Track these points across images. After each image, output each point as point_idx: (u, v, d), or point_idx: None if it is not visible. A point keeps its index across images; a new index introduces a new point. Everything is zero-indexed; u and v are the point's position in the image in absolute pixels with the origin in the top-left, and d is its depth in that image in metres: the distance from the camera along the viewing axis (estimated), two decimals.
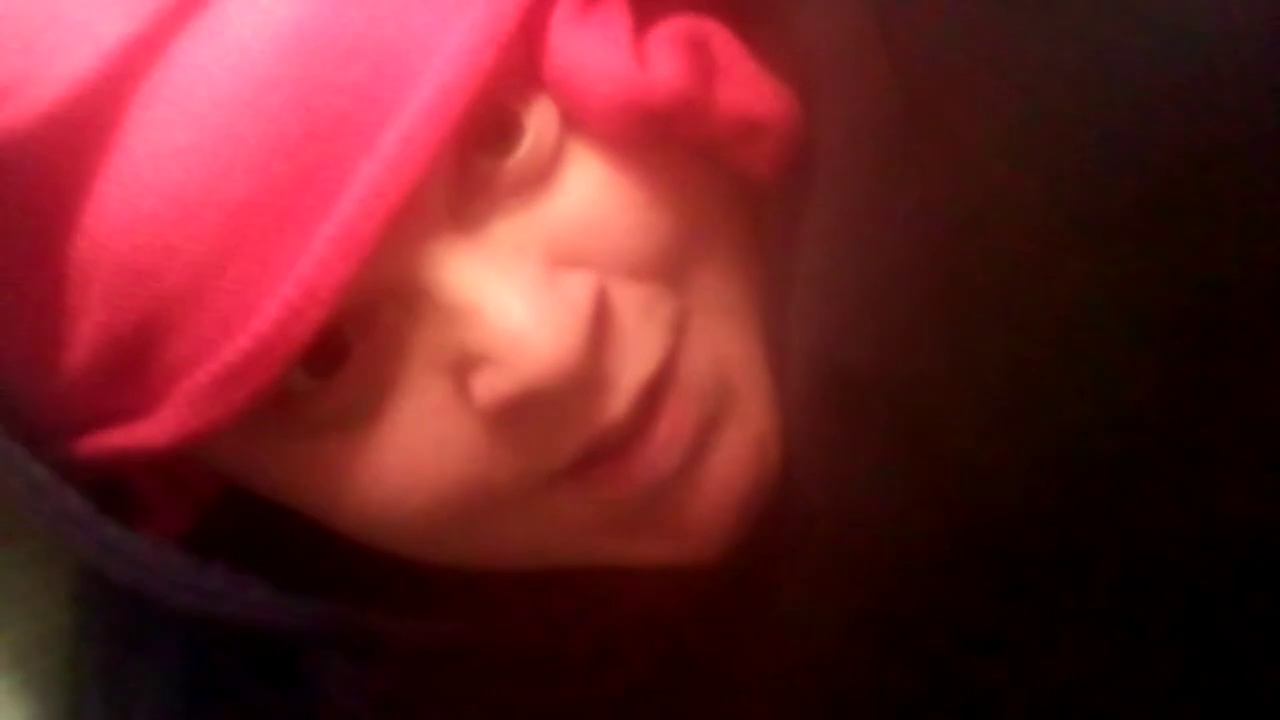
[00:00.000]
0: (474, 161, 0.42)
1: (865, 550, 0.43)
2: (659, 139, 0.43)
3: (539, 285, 0.41)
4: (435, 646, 0.48)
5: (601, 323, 0.42)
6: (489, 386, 0.41)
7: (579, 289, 0.42)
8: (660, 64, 0.42)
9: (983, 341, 0.38)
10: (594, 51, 0.42)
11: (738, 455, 0.44)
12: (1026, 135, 0.36)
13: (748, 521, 0.45)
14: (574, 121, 0.43)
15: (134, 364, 0.41)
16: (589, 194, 0.43)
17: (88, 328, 0.41)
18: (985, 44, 0.36)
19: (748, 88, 0.43)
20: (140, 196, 0.39)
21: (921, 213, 0.39)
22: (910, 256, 0.39)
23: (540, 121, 0.43)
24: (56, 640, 0.54)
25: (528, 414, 0.42)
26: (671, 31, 0.43)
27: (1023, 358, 0.37)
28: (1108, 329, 0.35)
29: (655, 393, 0.43)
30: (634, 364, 0.43)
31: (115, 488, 0.46)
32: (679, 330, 0.44)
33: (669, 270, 0.44)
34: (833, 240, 0.43)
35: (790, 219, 0.45)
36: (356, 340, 0.42)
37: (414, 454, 0.43)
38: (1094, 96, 0.34)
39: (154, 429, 0.42)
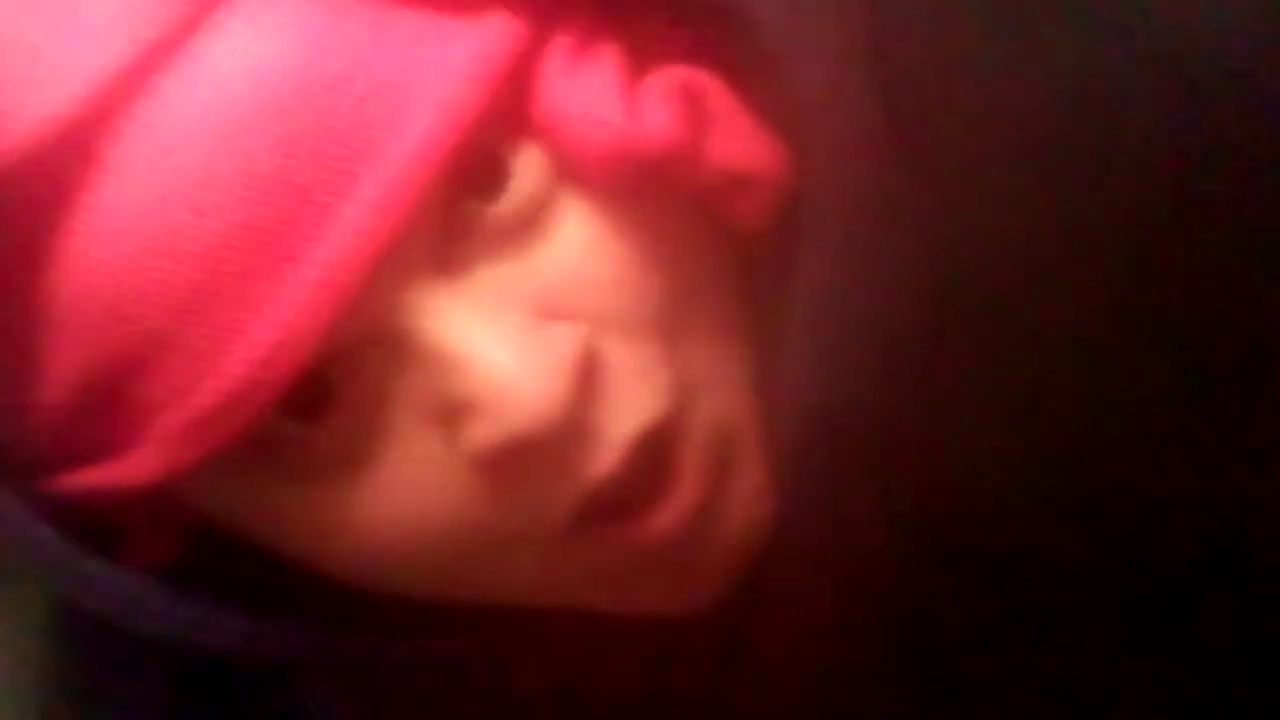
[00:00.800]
0: (460, 206, 0.41)
1: (861, 594, 0.43)
2: (650, 190, 0.42)
3: (525, 333, 0.41)
4: (423, 672, 0.48)
5: (589, 374, 0.41)
6: (475, 435, 0.41)
7: (565, 339, 0.41)
8: (652, 114, 0.42)
9: (976, 380, 0.38)
10: (585, 99, 0.42)
11: (744, 509, 0.44)
12: (1014, 169, 0.36)
13: (741, 575, 0.45)
14: (564, 171, 0.43)
15: (110, 403, 0.41)
16: (578, 246, 0.42)
17: (63, 367, 0.41)
18: (973, 74, 0.36)
19: (740, 140, 0.43)
20: (117, 236, 0.39)
21: (910, 253, 0.39)
22: (900, 298, 0.39)
23: (528, 168, 0.42)
24: (34, 666, 0.53)
25: (516, 463, 0.41)
26: (664, 81, 0.42)
27: (1019, 395, 0.37)
28: (1106, 360, 0.36)
29: (661, 454, 0.43)
30: (624, 419, 0.42)
31: (92, 518, 0.45)
32: (679, 393, 0.43)
33: (662, 328, 0.43)
34: (824, 288, 0.43)
35: (781, 269, 0.44)
36: (341, 386, 0.42)
37: (403, 502, 0.42)
38: (1080, 128, 0.34)
39: (130, 468, 0.42)
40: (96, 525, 0.45)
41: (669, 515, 0.42)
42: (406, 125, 0.40)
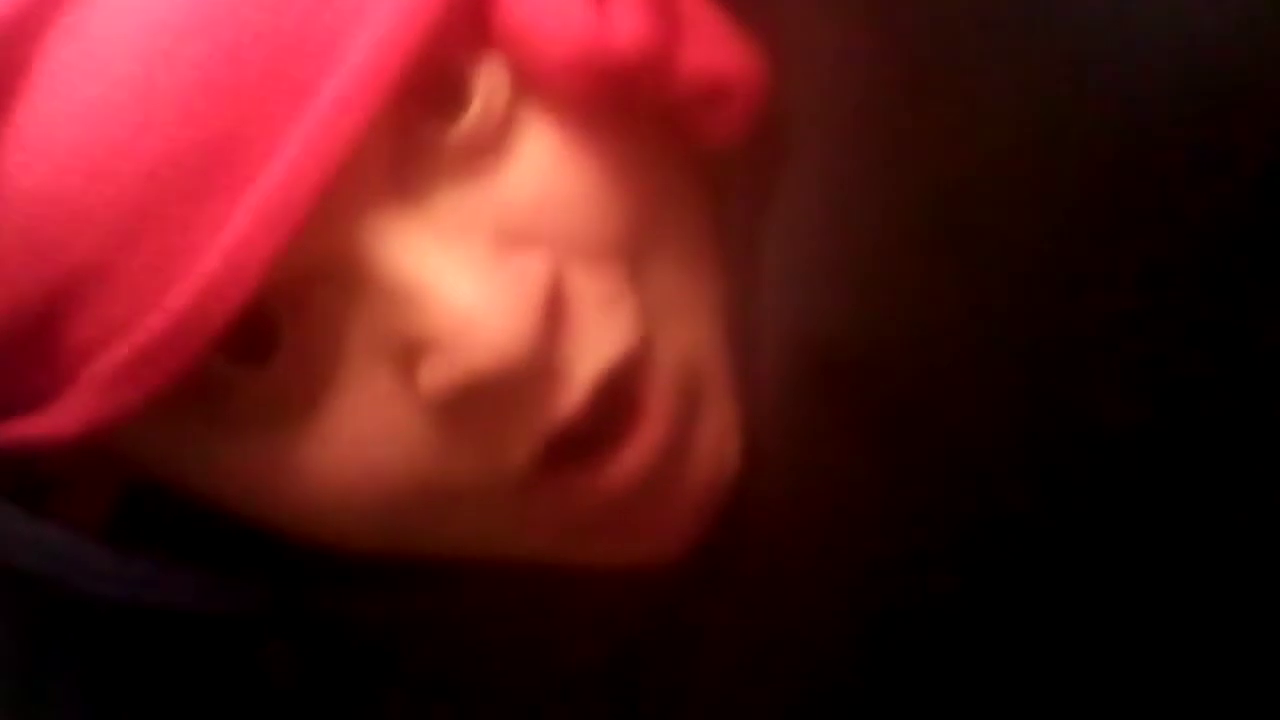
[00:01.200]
0: (418, 125, 0.40)
1: (843, 536, 0.42)
2: (617, 104, 0.41)
3: (489, 265, 0.39)
4: (380, 626, 0.47)
5: (555, 309, 0.40)
6: (434, 375, 0.39)
7: (531, 271, 0.40)
8: (622, 19, 0.40)
9: (969, 309, 0.37)
10: (551, 5, 0.40)
11: (712, 453, 0.43)
12: (1029, 103, 0.35)
13: (712, 516, 0.44)
14: (528, 84, 0.41)
15: (38, 344, 0.39)
16: (543, 167, 0.41)
17: None
18: (993, 11, 0.35)
19: (714, 47, 0.42)
20: (47, 156, 0.37)
21: (911, 186, 0.38)
22: (896, 231, 0.39)
23: (490, 83, 0.40)
24: None
25: (478, 404, 0.40)
26: None
27: (1014, 326, 0.37)
28: (1108, 307, 0.35)
29: (626, 392, 0.41)
30: (590, 355, 0.41)
31: (19, 474, 0.43)
32: (645, 330, 0.42)
33: (627, 255, 0.42)
34: (808, 219, 0.42)
35: (758, 191, 0.43)
36: (289, 323, 0.40)
37: (355, 450, 0.41)
38: (1102, 61, 0.34)
39: (60, 417, 0.40)
40: (23, 482, 0.43)
41: (634, 455, 0.41)
42: (359, 32, 0.38)
